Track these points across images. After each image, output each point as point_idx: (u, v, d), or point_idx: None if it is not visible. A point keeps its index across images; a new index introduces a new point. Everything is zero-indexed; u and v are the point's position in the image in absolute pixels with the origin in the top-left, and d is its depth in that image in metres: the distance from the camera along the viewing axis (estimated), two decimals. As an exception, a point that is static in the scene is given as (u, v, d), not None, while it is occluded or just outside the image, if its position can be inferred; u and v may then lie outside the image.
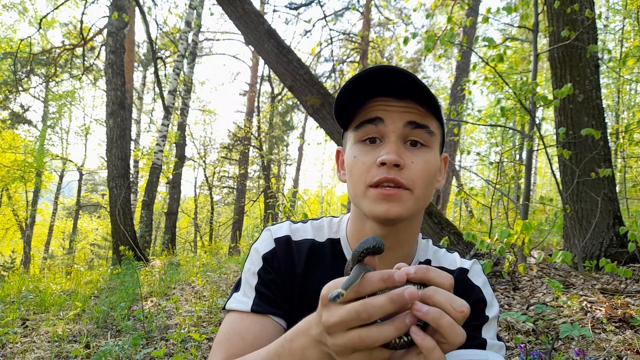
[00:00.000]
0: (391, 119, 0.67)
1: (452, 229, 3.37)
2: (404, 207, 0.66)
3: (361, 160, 0.68)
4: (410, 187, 0.66)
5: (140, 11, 7.87)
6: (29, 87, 11.07)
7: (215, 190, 17.68)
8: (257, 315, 0.70)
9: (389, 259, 0.75)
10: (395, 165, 0.65)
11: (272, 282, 0.74)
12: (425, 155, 0.68)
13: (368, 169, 0.67)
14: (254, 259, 0.76)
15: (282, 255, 0.76)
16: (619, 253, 3.29)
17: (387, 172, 0.65)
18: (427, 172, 0.67)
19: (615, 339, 2.02)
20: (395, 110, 0.67)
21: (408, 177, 0.66)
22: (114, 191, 6.75)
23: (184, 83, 10.13)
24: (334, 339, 0.46)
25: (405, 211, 0.66)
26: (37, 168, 14.73)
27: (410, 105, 0.67)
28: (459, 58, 9.38)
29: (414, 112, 0.67)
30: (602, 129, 3.46)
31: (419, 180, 0.66)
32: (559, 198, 3.59)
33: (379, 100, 0.68)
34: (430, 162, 0.68)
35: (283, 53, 3.81)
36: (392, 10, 14.88)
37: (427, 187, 0.68)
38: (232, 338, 0.68)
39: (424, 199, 0.69)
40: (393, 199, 0.65)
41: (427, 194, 0.69)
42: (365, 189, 0.67)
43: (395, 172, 0.65)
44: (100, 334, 2.89)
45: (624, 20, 10.23)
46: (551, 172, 3.85)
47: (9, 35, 14.50)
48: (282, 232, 0.78)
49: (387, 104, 0.68)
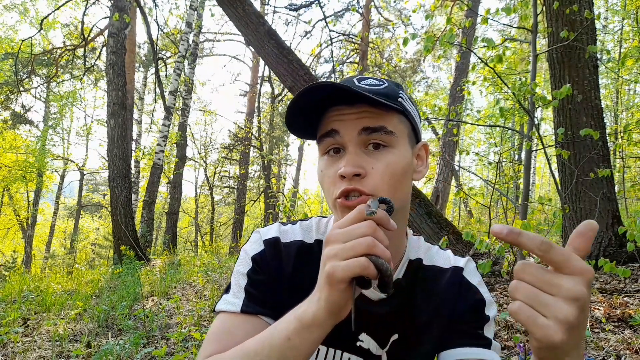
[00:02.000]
0: (345, 128, 0.67)
1: (451, 229, 3.38)
2: None
3: (327, 174, 0.69)
4: (375, 193, 0.65)
5: (141, 12, 7.89)
6: (30, 88, 11.08)
7: (216, 190, 17.70)
8: (247, 316, 0.71)
9: None
10: (357, 175, 0.65)
11: (261, 283, 0.74)
12: (386, 157, 0.67)
13: (333, 182, 0.67)
14: (244, 260, 0.77)
15: (271, 256, 0.76)
16: (618, 253, 3.30)
17: (349, 183, 0.65)
18: (391, 174, 0.66)
19: (614, 338, 2.03)
20: (349, 118, 0.67)
21: (370, 184, 0.65)
22: (115, 191, 6.77)
23: (184, 83, 10.15)
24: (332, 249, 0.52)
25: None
26: (38, 168, 14.74)
27: (364, 109, 0.67)
28: (458, 59, 9.38)
29: (367, 116, 0.67)
30: (600, 129, 3.47)
31: (382, 185, 0.65)
32: (558, 198, 3.60)
33: (334, 109, 0.69)
34: (394, 162, 0.67)
35: (283, 54, 3.82)
36: (391, 11, 14.89)
37: (394, 188, 0.67)
38: (222, 335, 0.69)
39: (395, 200, 0.67)
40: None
41: (397, 191, 0.68)
42: (334, 201, 0.68)
43: (357, 181, 0.65)
44: (101, 333, 2.91)
45: (623, 21, 10.24)
46: (550, 172, 3.86)
47: (10, 35, 14.56)
48: (271, 234, 0.78)
49: (341, 113, 0.68)
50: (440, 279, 0.77)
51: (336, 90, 0.65)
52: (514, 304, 0.45)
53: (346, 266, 0.50)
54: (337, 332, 0.74)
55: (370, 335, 0.74)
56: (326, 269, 0.52)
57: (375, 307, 0.74)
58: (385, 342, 0.75)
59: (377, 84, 0.69)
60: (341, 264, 0.51)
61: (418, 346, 0.75)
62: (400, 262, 0.77)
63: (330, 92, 0.66)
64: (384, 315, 0.74)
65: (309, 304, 0.56)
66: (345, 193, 0.65)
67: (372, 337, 0.74)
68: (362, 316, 0.74)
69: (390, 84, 0.71)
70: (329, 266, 0.52)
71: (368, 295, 0.74)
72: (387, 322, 0.74)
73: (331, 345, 0.74)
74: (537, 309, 0.43)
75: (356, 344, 0.74)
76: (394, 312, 0.75)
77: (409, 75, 15.87)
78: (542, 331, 0.43)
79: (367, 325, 0.74)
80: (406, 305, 0.75)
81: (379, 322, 0.74)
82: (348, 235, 0.52)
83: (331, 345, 0.74)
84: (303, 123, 0.71)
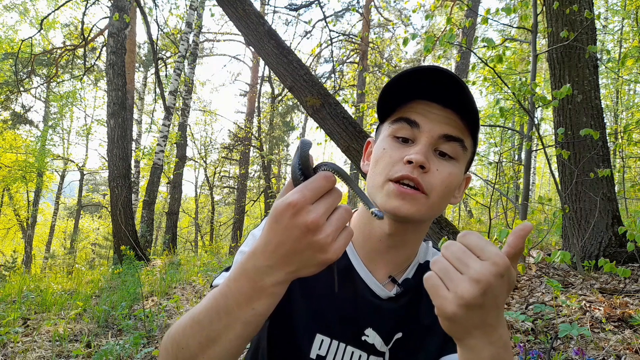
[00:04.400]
0: (428, 125, 0.67)
1: (451, 229, 3.38)
2: (415, 208, 0.66)
3: (389, 154, 0.69)
4: (428, 192, 0.66)
5: (141, 12, 7.89)
6: (30, 88, 11.08)
7: (216, 190, 17.70)
8: None
9: (392, 257, 0.76)
10: (421, 167, 0.65)
11: None
12: (451, 167, 0.68)
13: (393, 164, 0.67)
14: (249, 242, 0.77)
15: None
16: (618, 253, 3.30)
17: (411, 170, 0.65)
18: (449, 183, 0.67)
19: (614, 338, 2.03)
20: (435, 119, 0.67)
21: (429, 181, 0.66)
22: (115, 191, 6.77)
23: (184, 83, 10.15)
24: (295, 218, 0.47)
25: (416, 213, 0.66)
26: (38, 168, 14.74)
27: (451, 117, 0.67)
28: (458, 59, 9.39)
29: (451, 125, 0.67)
30: (600, 129, 3.47)
31: (438, 188, 0.66)
32: (558, 198, 3.60)
33: (422, 102, 0.68)
34: (454, 175, 0.68)
35: (283, 54, 3.82)
36: (391, 11, 14.90)
37: (444, 196, 0.68)
38: None
39: (438, 208, 0.69)
40: (407, 198, 0.66)
41: (442, 203, 0.69)
42: (384, 181, 0.68)
43: (419, 173, 0.65)
44: (101, 333, 2.91)
45: (623, 21, 10.24)
46: (550, 172, 3.86)
47: (11, 35, 14.55)
48: None
49: (429, 109, 0.68)
50: None
51: (444, 83, 0.65)
52: (428, 273, 0.49)
53: (340, 248, 0.50)
54: (343, 325, 0.74)
55: (376, 331, 0.75)
56: (328, 256, 0.49)
57: (383, 304, 0.75)
58: (389, 339, 0.75)
59: (474, 100, 0.69)
60: (339, 246, 0.49)
61: (421, 347, 0.75)
62: (411, 264, 0.78)
63: (445, 82, 0.65)
64: (391, 312, 0.75)
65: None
66: (404, 178, 0.65)
67: (378, 332, 0.75)
68: (370, 311, 0.75)
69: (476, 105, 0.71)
70: (331, 253, 0.49)
71: (377, 292, 0.75)
72: (393, 320, 0.75)
73: (336, 338, 0.75)
74: (444, 281, 0.48)
75: (361, 338, 0.75)
76: (401, 311, 0.75)
77: (409, 75, 15.84)
78: (439, 301, 0.48)
79: (374, 320, 0.75)
80: (413, 306, 0.76)
81: (386, 318, 0.75)
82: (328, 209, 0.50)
83: (336, 337, 0.75)
84: (391, 97, 0.70)
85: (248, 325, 0.53)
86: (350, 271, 0.76)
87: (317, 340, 0.74)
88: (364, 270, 0.76)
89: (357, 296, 0.75)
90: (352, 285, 0.76)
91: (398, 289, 0.75)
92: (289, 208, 0.48)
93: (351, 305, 0.75)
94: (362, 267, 0.76)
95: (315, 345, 0.74)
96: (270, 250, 0.50)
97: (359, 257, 0.77)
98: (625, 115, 11.59)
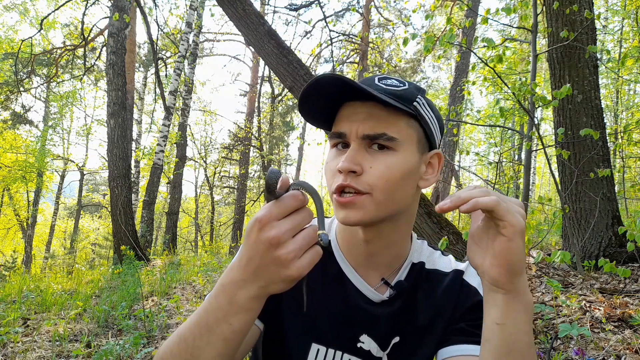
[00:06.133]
0: (353, 130, 0.66)
1: (451, 229, 3.38)
2: (361, 212, 0.65)
3: (330, 167, 0.69)
4: (369, 191, 0.65)
5: (141, 12, 7.88)
6: (30, 88, 11.08)
7: (216, 190, 17.71)
8: None
9: (377, 261, 0.74)
10: (353, 172, 0.65)
11: None
12: (387, 159, 0.65)
13: (333, 175, 0.68)
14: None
15: None
16: (618, 253, 3.30)
17: (344, 179, 0.65)
18: (389, 175, 0.65)
19: (614, 338, 2.03)
20: (358, 119, 0.66)
21: (365, 181, 0.64)
22: (115, 191, 6.77)
23: (184, 83, 10.15)
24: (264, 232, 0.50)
25: (365, 216, 0.65)
26: (38, 168, 14.74)
27: (374, 109, 0.66)
28: (458, 59, 9.39)
29: (373, 119, 0.66)
30: (600, 129, 3.47)
31: (379, 183, 0.64)
32: (558, 198, 3.60)
33: (349, 105, 0.68)
34: (395, 165, 0.66)
35: (283, 54, 3.82)
36: (391, 11, 14.90)
37: (391, 189, 0.65)
38: None
39: (390, 201, 0.66)
40: (349, 206, 0.65)
41: (393, 196, 0.66)
42: (331, 194, 0.68)
43: (352, 178, 0.65)
44: (101, 333, 2.91)
45: (623, 21, 10.24)
46: (550, 172, 3.86)
47: (10, 35, 14.55)
48: None
49: (353, 110, 0.68)
50: (442, 282, 0.77)
51: (346, 87, 0.65)
52: (491, 197, 0.52)
53: (306, 265, 0.52)
54: (337, 333, 0.74)
55: (371, 337, 0.74)
56: (289, 272, 0.51)
57: (376, 309, 0.74)
58: (387, 344, 0.74)
59: (396, 85, 0.69)
60: (303, 264, 0.51)
61: (419, 349, 0.75)
62: (403, 265, 0.76)
63: (341, 88, 0.65)
64: (386, 316, 0.74)
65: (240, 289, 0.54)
66: (340, 189, 0.65)
67: (373, 338, 0.74)
68: (363, 317, 0.74)
69: (411, 87, 0.70)
70: (293, 270, 0.51)
71: (370, 296, 0.74)
72: (389, 324, 0.74)
73: (331, 346, 0.74)
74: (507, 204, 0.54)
75: (357, 345, 0.74)
76: (396, 314, 0.74)
77: (409, 76, 15.87)
78: (515, 218, 0.52)
79: (368, 326, 0.74)
80: (408, 308, 0.75)
81: (381, 323, 0.74)
82: (295, 228, 0.52)
83: (331, 345, 0.74)
84: (318, 111, 0.71)
85: (228, 342, 0.54)
86: (342, 277, 0.76)
87: (313, 350, 0.74)
88: (355, 275, 0.75)
89: (349, 302, 0.74)
90: (344, 291, 0.75)
91: (391, 292, 0.74)
92: (256, 223, 0.51)
93: (344, 312, 0.74)
94: (353, 273, 0.75)
95: (311, 355, 0.74)
96: (244, 265, 0.52)
97: (348, 263, 0.76)
98: (625, 115, 11.59)
